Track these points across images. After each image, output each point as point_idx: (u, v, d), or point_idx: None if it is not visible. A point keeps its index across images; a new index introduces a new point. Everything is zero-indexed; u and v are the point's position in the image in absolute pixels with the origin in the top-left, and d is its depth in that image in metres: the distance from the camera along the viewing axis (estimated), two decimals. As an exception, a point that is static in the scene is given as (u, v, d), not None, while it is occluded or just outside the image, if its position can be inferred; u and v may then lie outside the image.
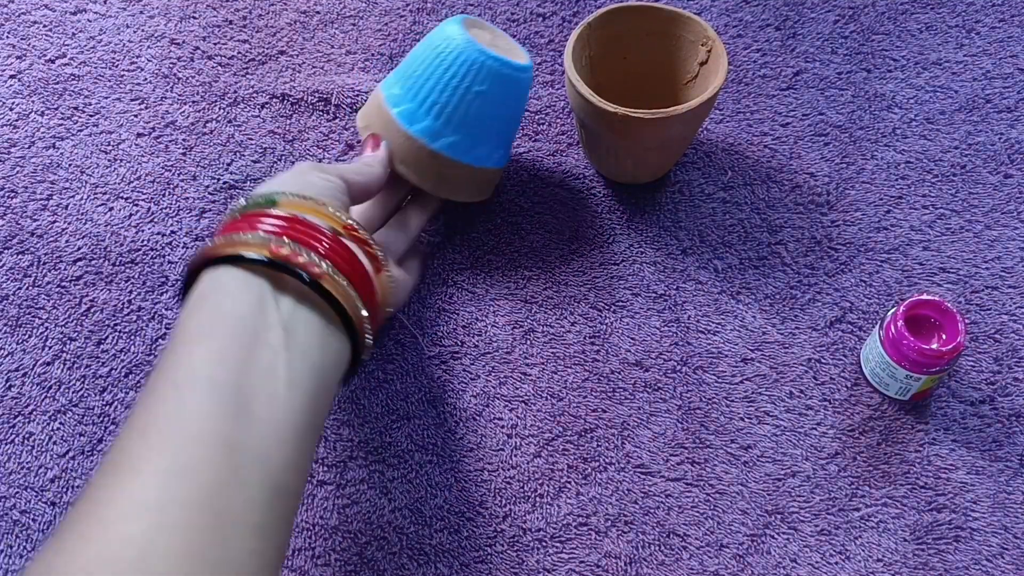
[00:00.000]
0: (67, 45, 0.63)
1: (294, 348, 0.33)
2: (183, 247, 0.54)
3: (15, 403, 0.48)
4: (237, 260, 0.34)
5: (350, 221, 0.39)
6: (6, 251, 0.54)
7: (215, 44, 0.64)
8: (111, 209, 0.56)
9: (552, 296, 0.52)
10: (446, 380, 0.49)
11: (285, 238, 0.35)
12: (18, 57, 0.62)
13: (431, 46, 0.47)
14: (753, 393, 0.48)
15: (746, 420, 0.47)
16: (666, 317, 0.51)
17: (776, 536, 0.44)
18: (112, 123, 0.59)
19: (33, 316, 0.51)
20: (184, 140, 0.59)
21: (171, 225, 0.55)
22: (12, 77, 0.61)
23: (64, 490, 0.46)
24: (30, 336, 0.51)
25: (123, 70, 0.62)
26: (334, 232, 0.37)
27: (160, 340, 0.50)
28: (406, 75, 0.48)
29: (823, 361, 0.49)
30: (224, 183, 0.57)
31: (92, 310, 0.51)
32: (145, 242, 0.54)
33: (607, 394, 0.48)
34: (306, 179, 0.40)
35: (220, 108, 0.60)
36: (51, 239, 0.54)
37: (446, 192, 0.49)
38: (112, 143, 0.59)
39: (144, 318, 0.51)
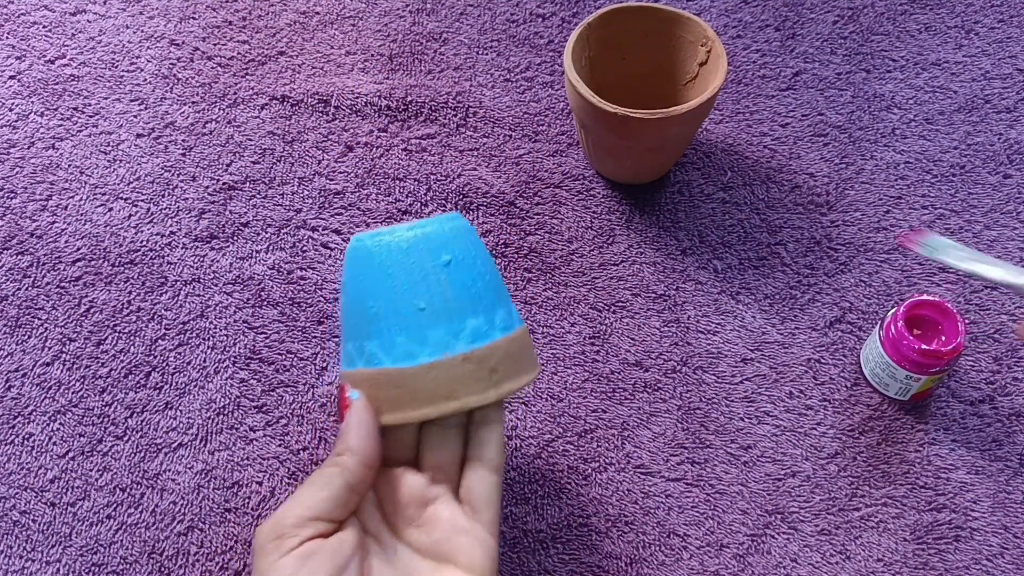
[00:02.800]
0: (67, 46, 0.63)
1: None
2: (182, 248, 0.54)
3: (15, 404, 0.48)
4: None
5: None
6: (5, 252, 0.54)
7: (215, 45, 0.64)
8: (110, 210, 0.55)
9: (552, 296, 0.52)
10: (446, 380, 0.49)
11: None
12: (18, 58, 0.62)
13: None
14: (753, 393, 0.48)
15: (746, 420, 0.47)
16: (666, 317, 0.51)
17: (776, 536, 0.44)
18: (112, 124, 0.59)
19: (33, 317, 0.51)
20: (184, 141, 0.59)
21: (170, 226, 0.55)
22: (12, 78, 0.61)
23: (64, 491, 0.46)
24: (30, 337, 0.51)
25: (123, 71, 0.62)
26: None
27: (160, 340, 0.50)
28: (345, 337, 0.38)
29: (823, 361, 0.49)
30: (223, 184, 0.57)
31: (91, 311, 0.51)
32: (144, 243, 0.54)
33: (607, 394, 0.48)
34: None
35: (220, 109, 0.60)
36: (50, 240, 0.54)
37: (434, 407, 0.34)
38: (111, 144, 0.58)
39: (143, 318, 0.51)
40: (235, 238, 0.54)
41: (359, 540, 0.33)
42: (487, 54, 0.63)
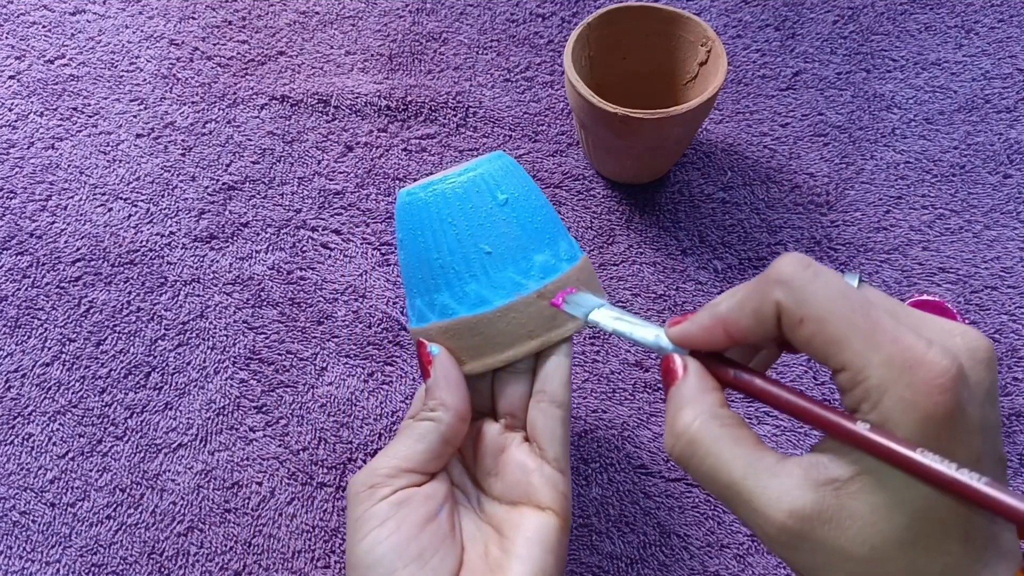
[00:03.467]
0: (66, 46, 0.63)
1: None
2: (182, 248, 0.54)
3: (14, 404, 0.48)
4: None
5: None
6: (5, 252, 0.54)
7: (214, 45, 0.64)
8: (110, 210, 0.55)
9: (552, 296, 0.52)
10: (446, 381, 0.49)
11: None
12: (17, 58, 0.62)
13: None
14: (753, 393, 0.48)
15: (746, 420, 0.47)
16: (666, 317, 0.51)
17: (776, 536, 0.44)
18: (111, 124, 0.59)
19: (32, 317, 0.51)
20: (183, 141, 0.59)
21: (170, 226, 0.55)
22: (11, 78, 0.61)
23: (64, 491, 0.46)
24: (29, 337, 0.50)
25: (122, 71, 0.62)
26: None
27: (159, 341, 0.50)
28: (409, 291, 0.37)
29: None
30: (223, 184, 0.57)
31: (91, 311, 0.51)
32: (144, 243, 0.54)
33: (607, 395, 0.48)
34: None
35: (219, 109, 0.60)
36: (50, 240, 0.54)
37: (517, 349, 0.34)
38: (111, 144, 0.58)
39: (143, 319, 0.51)
40: (235, 238, 0.54)
41: (449, 490, 0.33)
42: (487, 54, 0.63)
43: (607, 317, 0.31)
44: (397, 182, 0.57)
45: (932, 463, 0.20)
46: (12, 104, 0.60)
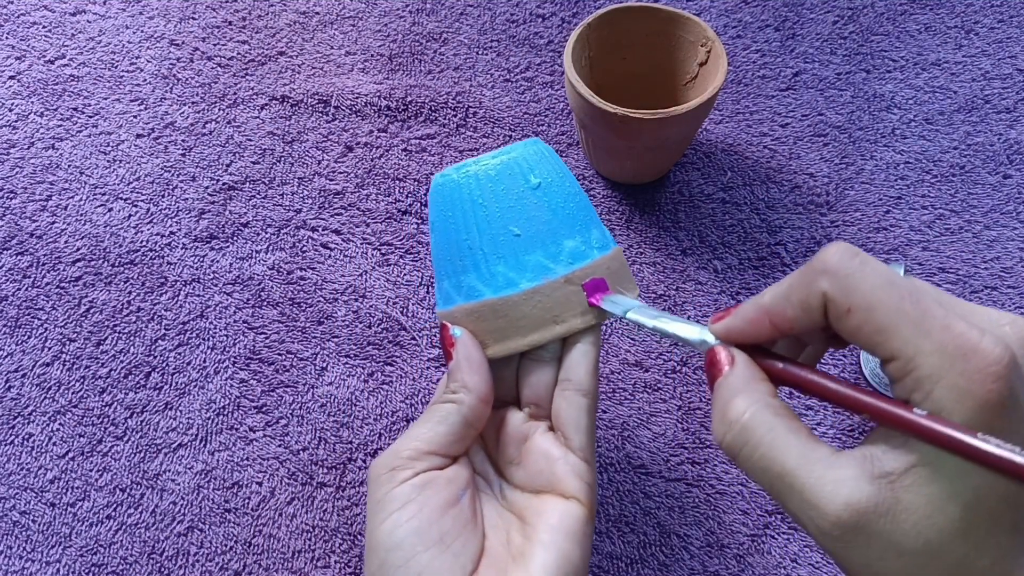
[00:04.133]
0: (66, 46, 0.63)
1: None
2: (182, 248, 0.54)
3: (14, 404, 0.48)
4: None
5: None
6: (5, 252, 0.54)
7: (214, 45, 0.64)
8: (110, 210, 0.55)
9: (552, 296, 0.52)
10: (446, 381, 0.49)
11: None
12: (17, 58, 0.62)
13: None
14: (753, 393, 0.48)
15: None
16: (666, 317, 0.51)
17: (776, 536, 0.44)
18: (111, 124, 0.59)
19: (32, 317, 0.51)
20: (183, 141, 0.59)
21: (170, 226, 0.55)
22: (11, 78, 0.61)
23: (64, 491, 0.46)
24: (29, 337, 0.50)
25: (122, 71, 0.62)
26: None
27: (159, 341, 0.50)
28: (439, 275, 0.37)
29: (823, 361, 0.49)
30: (223, 184, 0.57)
31: (91, 311, 0.51)
32: (144, 243, 0.54)
33: (607, 395, 0.48)
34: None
35: (219, 109, 0.60)
36: (50, 240, 0.54)
37: (539, 335, 0.34)
38: (111, 144, 0.58)
39: (143, 319, 0.51)
40: (235, 238, 0.54)
41: (471, 475, 0.33)
42: (487, 54, 0.63)
43: (646, 315, 0.30)
44: (397, 182, 0.57)
45: (995, 448, 0.20)
46: (12, 104, 0.60)
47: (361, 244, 0.54)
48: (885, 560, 0.21)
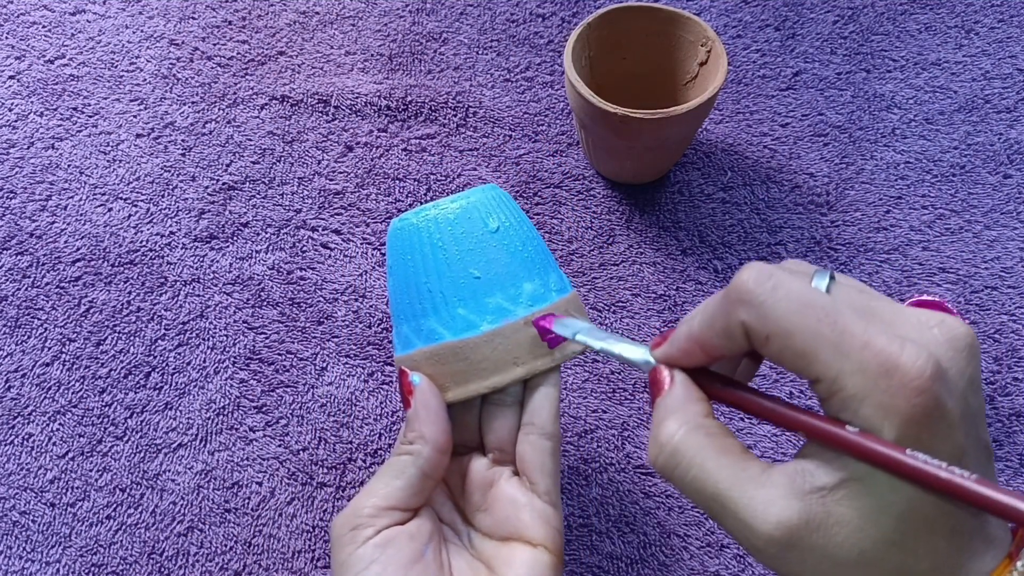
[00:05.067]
0: (66, 46, 0.63)
1: None
2: (182, 248, 0.54)
3: (14, 404, 0.48)
4: None
5: None
6: (5, 252, 0.54)
7: (214, 45, 0.64)
8: (110, 210, 0.55)
9: (552, 296, 0.52)
10: (446, 381, 0.49)
11: None
12: (17, 58, 0.62)
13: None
14: (753, 393, 0.48)
15: (746, 420, 0.47)
16: (666, 317, 0.51)
17: (776, 536, 0.44)
18: (111, 124, 0.59)
19: (32, 317, 0.51)
20: (183, 141, 0.59)
21: (170, 226, 0.55)
22: (11, 78, 0.61)
23: (64, 491, 0.46)
24: (29, 337, 0.50)
25: (122, 71, 0.62)
26: None
27: (159, 340, 0.50)
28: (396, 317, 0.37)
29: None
30: (223, 184, 0.57)
31: (91, 311, 0.51)
32: (144, 243, 0.54)
33: (607, 395, 0.48)
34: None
35: (219, 109, 0.60)
36: (50, 240, 0.54)
37: (490, 379, 0.34)
38: (111, 144, 0.58)
39: (143, 319, 0.51)
40: (235, 238, 0.54)
41: (435, 527, 0.33)
42: (487, 54, 0.63)
43: (595, 337, 0.31)
44: (397, 182, 0.57)
45: (921, 465, 0.20)
46: (12, 104, 0.60)
47: (361, 244, 0.54)
48: (821, 572, 0.21)
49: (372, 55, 0.63)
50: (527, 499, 0.32)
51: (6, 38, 0.64)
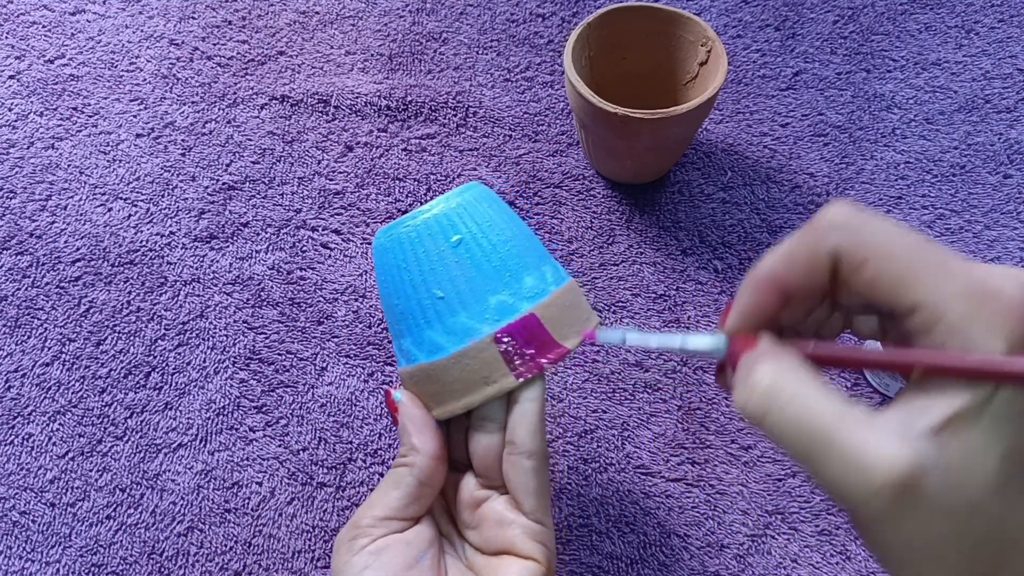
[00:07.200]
0: (66, 46, 0.63)
1: None
2: (182, 248, 0.54)
3: (14, 404, 0.48)
4: None
5: None
6: (5, 252, 0.54)
7: (214, 45, 0.64)
8: (110, 210, 0.55)
9: (552, 296, 0.52)
10: (446, 381, 0.49)
11: None
12: (17, 57, 0.62)
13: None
14: (753, 393, 0.48)
15: (746, 420, 0.47)
16: (666, 317, 0.51)
17: (777, 536, 0.44)
18: (111, 124, 0.59)
19: (32, 317, 0.51)
20: (183, 141, 0.59)
21: (170, 226, 0.55)
22: (11, 77, 0.61)
23: (64, 491, 0.46)
24: (29, 337, 0.50)
25: (122, 71, 0.62)
26: None
27: (159, 340, 0.50)
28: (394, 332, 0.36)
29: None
30: (223, 184, 0.57)
31: (91, 311, 0.51)
32: (144, 243, 0.54)
33: (607, 395, 0.48)
34: None
35: (219, 109, 0.60)
36: (50, 240, 0.54)
37: (474, 396, 0.33)
38: (111, 144, 0.58)
39: (143, 319, 0.51)
40: (235, 238, 0.54)
41: (434, 536, 0.33)
42: (487, 54, 0.63)
43: (645, 339, 0.30)
44: (397, 182, 0.57)
45: None
46: (12, 104, 0.60)
47: (361, 244, 0.54)
48: (931, 525, 0.20)
49: (372, 55, 0.63)
50: (515, 517, 0.32)
51: (6, 38, 0.64)
